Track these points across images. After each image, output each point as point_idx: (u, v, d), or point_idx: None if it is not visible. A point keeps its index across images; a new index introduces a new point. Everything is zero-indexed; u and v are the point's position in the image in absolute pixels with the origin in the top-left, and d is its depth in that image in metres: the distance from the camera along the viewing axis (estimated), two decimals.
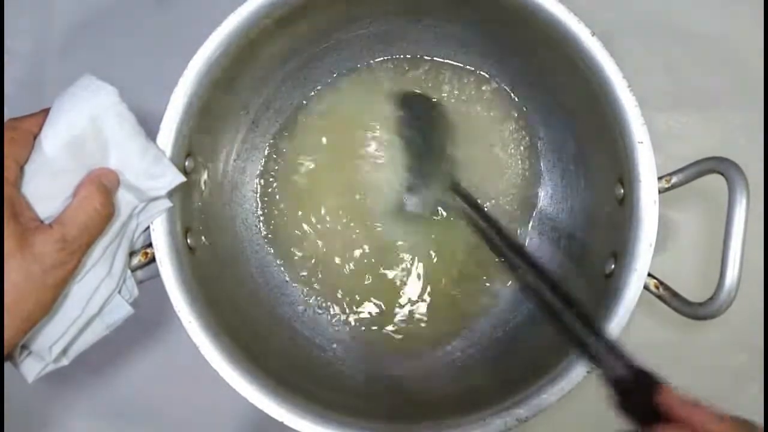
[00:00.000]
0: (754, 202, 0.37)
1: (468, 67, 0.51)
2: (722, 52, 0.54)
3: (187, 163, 0.41)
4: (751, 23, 0.54)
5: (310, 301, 0.51)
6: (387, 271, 0.51)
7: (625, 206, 0.40)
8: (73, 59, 0.56)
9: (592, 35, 0.39)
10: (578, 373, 0.37)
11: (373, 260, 0.51)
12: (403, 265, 0.51)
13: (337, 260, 0.51)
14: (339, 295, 0.51)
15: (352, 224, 0.51)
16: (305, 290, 0.51)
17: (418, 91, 0.51)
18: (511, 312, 0.50)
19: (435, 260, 0.51)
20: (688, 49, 0.55)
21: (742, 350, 0.53)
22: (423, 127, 0.50)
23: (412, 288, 0.51)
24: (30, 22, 0.57)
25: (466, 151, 0.51)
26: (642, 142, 0.38)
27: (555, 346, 0.41)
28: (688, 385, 0.52)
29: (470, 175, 0.51)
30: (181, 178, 0.38)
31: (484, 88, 0.51)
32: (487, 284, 0.51)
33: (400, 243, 0.51)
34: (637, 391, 0.31)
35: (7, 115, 0.36)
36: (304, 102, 0.51)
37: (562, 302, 0.36)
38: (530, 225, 0.51)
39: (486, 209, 0.46)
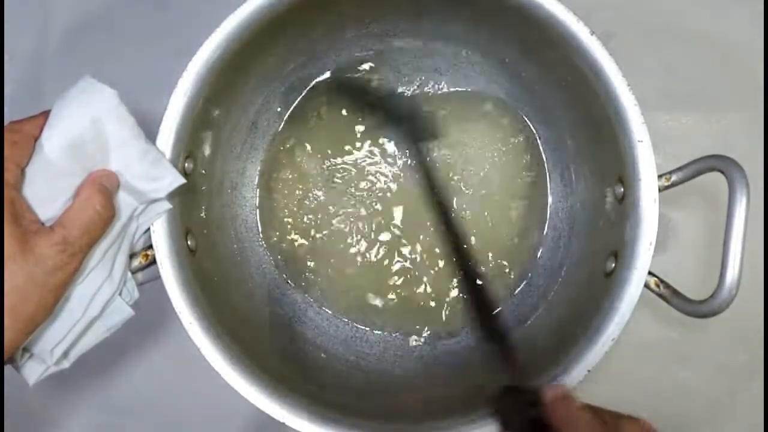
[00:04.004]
0: (754, 201, 0.37)
1: (467, 66, 0.51)
2: (722, 52, 0.54)
3: (186, 165, 0.41)
4: (751, 23, 0.54)
5: (310, 301, 0.51)
6: (387, 272, 0.51)
7: (625, 205, 0.40)
8: (73, 59, 0.56)
9: (592, 35, 0.39)
10: (578, 372, 0.38)
11: (373, 261, 0.51)
12: (402, 266, 0.51)
13: (337, 260, 0.51)
14: (339, 296, 0.51)
15: (350, 225, 0.51)
16: (305, 290, 0.51)
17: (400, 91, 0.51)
18: (511, 312, 0.50)
19: (436, 264, 0.51)
20: (688, 49, 0.55)
21: (742, 350, 0.53)
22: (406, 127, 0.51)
23: (413, 288, 0.51)
24: (30, 22, 0.57)
25: (463, 151, 0.51)
26: (642, 141, 0.38)
27: (555, 345, 0.41)
28: (688, 384, 0.53)
29: (468, 177, 0.51)
30: (181, 180, 0.38)
31: (483, 87, 0.51)
32: (489, 286, 0.51)
33: (398, 244, 0.51)
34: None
35: (7, 116, 0.36)
36: (303, 103, 0.51)
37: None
38: (532, 225, 0.51)
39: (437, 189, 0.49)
